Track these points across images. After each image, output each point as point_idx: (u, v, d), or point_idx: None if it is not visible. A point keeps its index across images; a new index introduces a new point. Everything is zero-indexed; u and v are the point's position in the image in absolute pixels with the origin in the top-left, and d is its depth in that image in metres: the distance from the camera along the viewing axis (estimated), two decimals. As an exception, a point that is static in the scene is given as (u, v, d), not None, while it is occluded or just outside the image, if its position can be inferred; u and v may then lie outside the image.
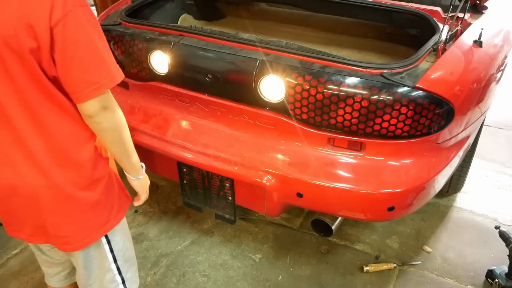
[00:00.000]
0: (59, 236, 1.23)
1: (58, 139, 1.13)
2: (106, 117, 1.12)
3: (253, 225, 2.43)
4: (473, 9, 2.13)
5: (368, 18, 2.22)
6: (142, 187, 1.38)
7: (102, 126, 1.13)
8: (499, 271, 2.02)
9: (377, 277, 2.11)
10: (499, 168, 2.94)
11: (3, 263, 2.20)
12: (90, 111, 1.09)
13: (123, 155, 1.24)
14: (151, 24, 2.01)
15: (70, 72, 1.05)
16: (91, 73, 1.06)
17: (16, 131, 1.09)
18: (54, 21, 0.99)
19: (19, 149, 1.12)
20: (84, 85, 1.06)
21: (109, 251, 1.34)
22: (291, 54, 1.67)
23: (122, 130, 1.18)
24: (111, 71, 1.09)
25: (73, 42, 1.02)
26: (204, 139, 1.86)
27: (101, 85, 1.07)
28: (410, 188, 1.62)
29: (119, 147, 1.21)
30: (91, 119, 1.12)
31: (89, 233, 1.26)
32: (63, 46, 1.01)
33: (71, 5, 1.01)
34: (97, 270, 1.35)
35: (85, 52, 1.04)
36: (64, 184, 1.16)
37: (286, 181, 1.68)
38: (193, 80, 1.83)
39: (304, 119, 1.65)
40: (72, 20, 1.01)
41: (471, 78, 1.69)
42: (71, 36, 1.01)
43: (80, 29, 1.03)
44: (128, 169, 1.30)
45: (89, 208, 1.22)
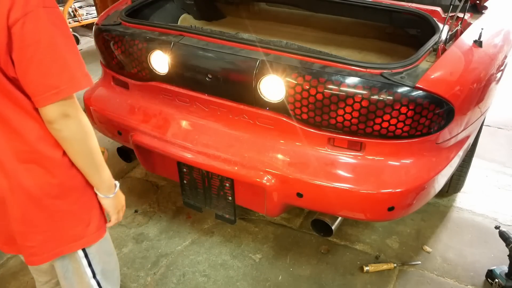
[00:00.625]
0: (26, 246, 1.17)
1: (24, 141, 1.07)
2: (67, 124, 1.05)
3: (253, 225, 2.43)
4: (473, 9, 2.13)
5: (368, 18, 2.22)
6: (114, 207, 1.27)
7: (63, 134, 1.07)
8: (499, 271, 2.02)
9: (377, 277, 2.11)
10: (499, 168, 2.94)
11: (3, 263, 2.20)
12: (49, 116, 1.03)
13: (89, 168, 1.15)
14: (151, 24, 2.01)
15: (29, 74, 0.99)
16: (51, 76, 1.00)
17: None
18: (12, 19, 0.94)
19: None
20: (43, 89, 1.00)
21: (87, 265, 1.27)
22: (291, 54, 1.67)
23: (86, 140, 1.10)
24: (75, 76, 1.03)
25: (32, 43, 0.97)
26: (204, 139, 1.86)
27: (61, 90, 1.01)
28: (410, 188, 1.62)
29: (83, 159, 1.13)
30: (51, 125, 1.05)
31: (58, 244, 1.19)
32: (21, 46, 0.97)
33: (33, 5, 0.96)
34: (78, 284, 1.30)
35: (45, 54, 0.98)
36: (32, 189, 1.10)
37: (286, 181, 1.68)
38: (193, 80, 1.83)
39: (304, 119, 1.65)
40: (32, 20, 0.96)
41: (471, 78, 1.69)
42: (31, 36, 0.97)
43: (41, 30, 0.97)
44: (97, 185, 1.20)
45: (59, 218, 1.16)
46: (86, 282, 1.30)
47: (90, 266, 1.28)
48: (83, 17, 5.05)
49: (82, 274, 1.28)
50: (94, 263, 1.28)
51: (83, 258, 1.26)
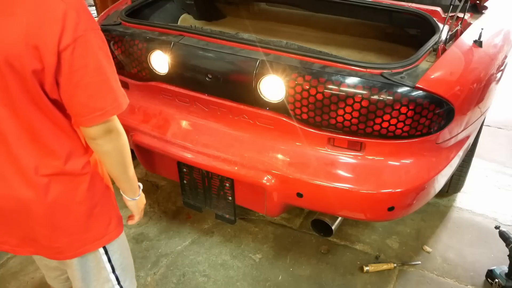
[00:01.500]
0: (52, 246, 1.20)
1: (55, 156, 1.10)
2: (109, 140, 1.11)
3: (253, 225, 2.43)
4: (473, 9, 2.13)
5: (368, 18, 2.22)
6: (138, 207, 1.36)
7: (104, 148, 1.12)
8: (499, 271, 2.02)
9: (377, 277, 2.11)
10: (499, 168, 2.94)
11: (3, 263, 2.20)
12: (93, 134, 1.08)
13: (122, 176, 1.22)
14: (151, 24, 2.01)
15: (75, 97, 1.02)
16: (97, 99, 1.03)
17: (10, 146, 1.06)
18: (63, 45, 0.95)
19: (12, 165, 1.09)
20: (88, 111, 1.03)
21: (107, 261, 1.31)
22: (291, 54, 1.67)
23: (123, 152, 1.16)
24: (117, 98, 1.07)
25: (80, 67, 0.99)
26: (204, 139, 1.86)
27: (106, 112, 1.05)
28: (410, 188, 1.62)
29: (118, 168, 1.19)
30: (94, 141, 1.10)
31: (83, 244, 1.23)
32: (70, 71, 0.98)
33: (82, 30, 0.97)
34: (94, 282, 1.33)
35: (92, 78, 1.01)
36: (60, 198, 1.13)
37: (286, 181, 1.68)
38: (193, 80, 1.83)
39: (304, 119, 1.65)
40: (82, 45, 0.97)
41: (471, 78, 1.69)
42: (79, 61, 0.98)
43: (89, 55, 0.99)
44: (126, 189, 1.28)
45: (84, 221, 1.20)
46: (105, 277, 1.33)
47: (109, 262, 1.32)
48: (83, 17, 5.03)
49: (101, 270, 1.32)
50: (113, 259, 1.32)
51: (104, 255, 1.30)
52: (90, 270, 1.30)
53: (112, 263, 1.33)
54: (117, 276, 1.35)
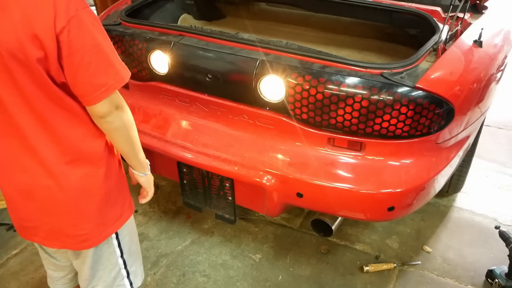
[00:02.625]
0: (77, 235, 1.24)
1: (70, 142, 1.14)
2: (117, 116, 1.14)
3: (253, 225, 2.43)
4: (473, 9, 2.13)
5: (368, 18, 2.22)
6: (149, 183, 1.40)
7: (114, 125, 1.15)
8: (499, 271, 2.02)
9: (377, 277, 2.11)
10: (499, 168, 2.94)
11: (3, 263, 2.20)
12: (102, 112, 1.10)
13: (131, 152, 1.26)
14: (151, 24, 2.01)
15: (78, 77, 1.04)
16: (99, 76, 1.06)
17: (27, 139, 1.10)
18: (59, 28, 0.98)
19: (32, 156, 1.13)
20: (93, 88, 1.06)
21: (117, 245, 1.35)
22: (291, 54, 1.67)
23: (132, 127, 1.20)
24: (119, 72, 1.10)
25: (79, 48, 1.01)
26: (204, 139, 1.86)
27: (110, 86, 1.08)
28: (410, 188, 1.62)
29: (128, 144, 1.22)
30: (102, 119, 1.13)
31: (105, 227, 1.27)
32: (70, 52, 1.01)
33: (73, 10, 1.00)
34: (102, 270, 1.36)
35: (92, 56, 1.04)
36: (81, 183, 1.17)
37: (286, 181, 1.68)
38: (193, 80, 1.83)
39: (304, 119, 1.65)
40: (76, 25, 1.00)
41: (471, 78, 1.69)
42: (77, 41, 1.01)
43: (85, 33, 1.02)
44: (136, 166, 1.32)
45: (105, 204, 1.24)
46: (113, 262, 1.37)
47: (119, 246, 1.36)
48: (83, 17, 5.04)
49: (111, 254, 1.35)
50: (123, 243, 1.36)
51: (115, 239, 1.34)
52: (102, 256, 1.34)
53: (121, 248, 1.36)
54: (124, 260, 1.39)
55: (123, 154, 1.26)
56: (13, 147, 1.12)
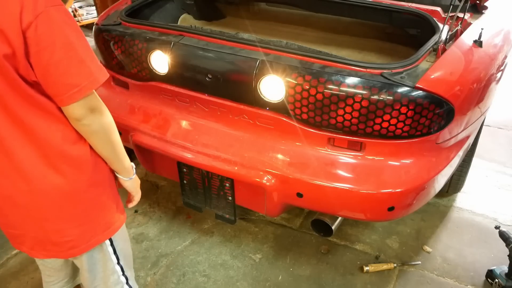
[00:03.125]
0: (63, 242, 1.21)
1: (50, 145, 1.09)
2: (94, 118, 1.09)
3: (253, 225, 2.43)
4: (473, 9, 2.13)
5: (368, 18, 2.22)
6: (134, 187, 1.35)
7: (91, 128, 1.10)
8: (499, 271, 2.02)
9: (377, 277, 2.11)
10: (499, 168, 2.94)
11: (3, 263, 2.20)
12: (77, 114, 1.06)
13: (113, 156, 1.20)
14: (151, 24, 2.01)
15: (49, 76, 1.00)
16: (70, 75, 1.01)
17: (3, 141, 1.06)
18: (25, 24, 0.94)
19: (11, 160, 1.08)
20: (65, 89, 1.01)
21: (112, 252, 1.33)
22: (291, 54, 1.67)
23: (111, 131, 1.15)
24: (92, 73, 1.05)
25: (48, 45, 0.97)
26: (204, 139, 1.86)
27: (82, 87, 1.03)
28: (410, 188, 1.62)
29: (109, 148, 1.17)
30: (78, 122, 1.08)
31: (93, 234, 1.24)
32: (38, 50, 0.97)
33: (42, 6, 0.96)
34: (101, 273, 1.35)
35: (62, 55, 0.99)
36: (64, 188, 1.13)
37: (286, 181, 1.68)
38: (193, 80, 1.83)
39: (304, 119, 1.65)
40: (44, 21, 0.96)
41: (471, 78, 1.69)
42: (45, 38, 0.97)
43: (54, 30, 0.98)
44: (120, 170, 1.26)
45: (91, 210, 1.21)
46: (111, 269, 1.35)
47: (115, 253, 1.34)
48: (83, 17, 5.05)
49: (107, 261, 1.33)
50: (118, 249, 1.34)
51: (109, 246, 1.31)
52: (97, 262, 1.32)
53: (117, 254, 1.34)
54: (121, 266, 1.38)
55: (105, 158, 1.21)
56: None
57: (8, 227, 1.23)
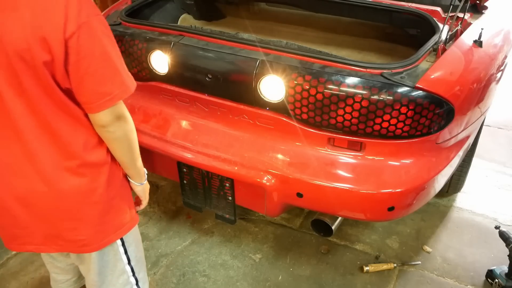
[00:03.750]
0: (76, 240, 1.22)
1: (72, 148, 1.12)
2: (119, 126, 1.13)
3: (253, 225, 2.43)
4: (473, 9, 2.13)
5: (368, 18, 2.22)
6: (144, 192, 1.39)
7: (115, 135, 1.14)
8: (499, 271, 2.02)
9: (377, 277, 2.11)
10: (499, 168, 2.94)
11: (3, 263, 2.20)
12: (104, 121, 1.09)
13: (131, 162, 1.24)
14: (151, 24, 2.01)
15: (84, 83, 1.03)
16: (105, 84, 1.05)
17: (28, 143, 1.08)
18: (69, 33, 0.97)
19: (33, 161, 1.11)
20: (97, 97, 1.05)
21: (123, 253, 1.34)
22: (291, 54, 1.67)
23: (132, 138, 1.19)
24: (125, 82, 1.09)
25: (87, 55, 1.00)
26: (204, 139, 1.86)
27: (115, 96, 1.07)
28: (410, 188, 1.62)
29: (128, 154, 1.21)
30: (104, 128, 1.11)
31: (106, 235, 1.26)
32: (78, 59, 1.00)
33: (85, 16, 0.99)
34: (110, 275, 1.35)
35: (99, 64, 1.03)
36: (82, 190, 1.16)
37: (286, 181, 1.68)
38: (193, 80, 1.83)
39: (304, 119, 1.65)
40: (86, 31, 0.99)
41: (471, 78, 1.69)
42: (86, 48, 1.00)
43: (94, 41, 1.01)
44: (134, 175, 1.30)
45: (106, 211, 1.23)
46: (121, 269, 1.36)
47: (126, 254, 1.35)
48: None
49: (117, 262, 1.34)
50: (129, 250, 1.35)
51: (121, 246, 1.33)
52: (108, 263, 1.33)
53: (128, 255, 1.36)
54: (132, 267, 1.39)
55: (122, 163, 1.24)
56: (12, 152, 1.10)
57: (14, 227, 1.23)
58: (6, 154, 1.11)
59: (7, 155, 1.11)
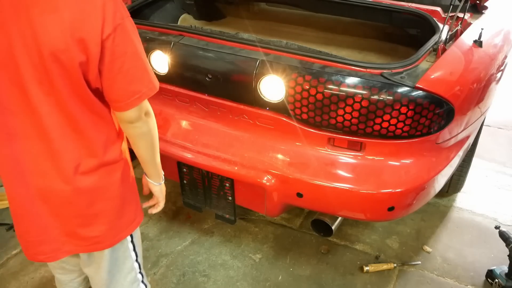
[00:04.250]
0: (90, 237, 1.23)
1: (94, 147, 1.14)
2: (146, 122, 1.17)
3: (253, 225, 2.43)
4: (473, 9, 2.13)
5: (368, 18, 2.22)
6: (162, 192, 1.40)
7: (141, 130, 1.17)
8: (499, 271, 2.02)
9: (377, 277, 2.11)
10: (499, 168, 2.94)
11: (3, 263, 2.20)
12: (132, 118, 1.13)
13: (152, 159, 1.27)
14: (151, 24, 2.01)
15: (116, 83, 1.06)
16: (135, 83, 1.08)
17: (52, 142, 1.10)
18: (106, 34, 0.99)
19: (54, 160, 1.12)
20: (128, 95, 1.08)
21: (132, 249, 1.36)
22: (291, 54, 1.67)
23: (155, 134, 1.23)
24: (152, 80, 1.13)
25: (121, 55, 1.03)
26: (204, 139, 1.86)
27: (143, 93, 1.10)
28: (410, 188, 1.62)
29: (150, 150, 1.25)
30: (131, 125, 1.15)
31: (119, 230, 1.28)
32: (112, 59, 1.02)
33: (119, 18, 1.02)
34: (119, 272, 1.36)
35: (131, 64, 1.06)
36: (99, 185, 1.18)
37: (286, 181, 1.68)
38: (193, 80, 1.83)
39: (304, 119, 1.65)
40: (121, 33, 1.02)
41: (471, 78, 1.69)
42: (120, 48, 1.02)
43: (127, 41, 1.04)
44: (153, 174, 1.32)
45: (120, 207, 1.25)
46: (130, 266, 1.38)
47: (134, 250, 1.37)
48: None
49: (127, 258, 1.36)
50: (137, 245, 1.38)
51: (130, 243, 1.35)
52: (118, 260, 1.34)
53: (136, 251, 1.38)
54: (139, 263, 1.41)
55: (143, 160, 1.27)
56: (34, 150, 1.11)
57: (29, 235, 1.23)
58: (25, 152, 1.12)
59: (27, 153, 1.12)
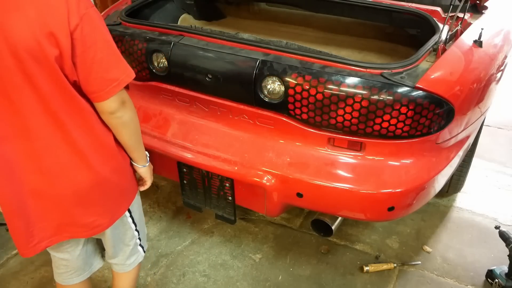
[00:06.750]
0: (89, 222, 1.27)
1: (83, 138, 1.16)
2: (125, 110, 1.18)
3: (253, 225, 2.43)
4: (473, 9, 2.13)
5: (368, 18, 2.22)
6: (149, 173, 1.45)
7: (122, 120, 1.18)
8: (499, 271, 2.02)
9: (377, 277, 2.11)
10: (499, 168, 2.94)
11: (3, 263, 2.20)
12: (112, 107, 1.13)
13: (136, 145, 1.30)
14: (151, 24, 2.01)
15: (92, 73, 1.07)
16: (111, 71, 1.09)
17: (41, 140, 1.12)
18: (73, 25, 1.00)
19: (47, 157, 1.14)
20: (106, 83, 1.09)
21: (131, 222, 1.44)
22: (291, 54, 1.67)
23: (137, 121, 1.25)
24: (127, 66, 1.14)
25: (92, 44, 1.04)
26: (204, 139, 1.86)
27: (121, 81, 1.11)
28: (410, 188, 1.62)
29: (133, 138, 1.27)
30: (112, 115, 1.15)
31: (116, 211, 1.33)
32: (84, 49, 1.03)
33: (84, 8, 1.03)
34: (122, 243, 1.49)
35: (104, 52, 1.07)
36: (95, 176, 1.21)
37: (286, 181, 1.68)
38: (193, 80, 1.83)
39: (304, 119, 1.65)
40: (87, 22, 1.03)
41: (471, 78, 1.69)
42: (90, 38, 1.04)
43: (95, 30, 1.05)
44: (138, 158, 1.36)
45: (115, 191, 1.29)
46: (131, 235, 1.50)
47: (133, 222, 1.48)
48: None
49: (127, 230, 1.48)
50: (135, 216, 1.47)
51: (129, 217, 1.45)
52: (120, 233, 1.43)
53: (135, 221, 1.45)
54: (138, 231, 1.49)
55: (128, 147, 1.29)
56: (21, 149, 1.12)
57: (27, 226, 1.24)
58: (14, 152, 1.13)
59: (16, 153, 1.13)
